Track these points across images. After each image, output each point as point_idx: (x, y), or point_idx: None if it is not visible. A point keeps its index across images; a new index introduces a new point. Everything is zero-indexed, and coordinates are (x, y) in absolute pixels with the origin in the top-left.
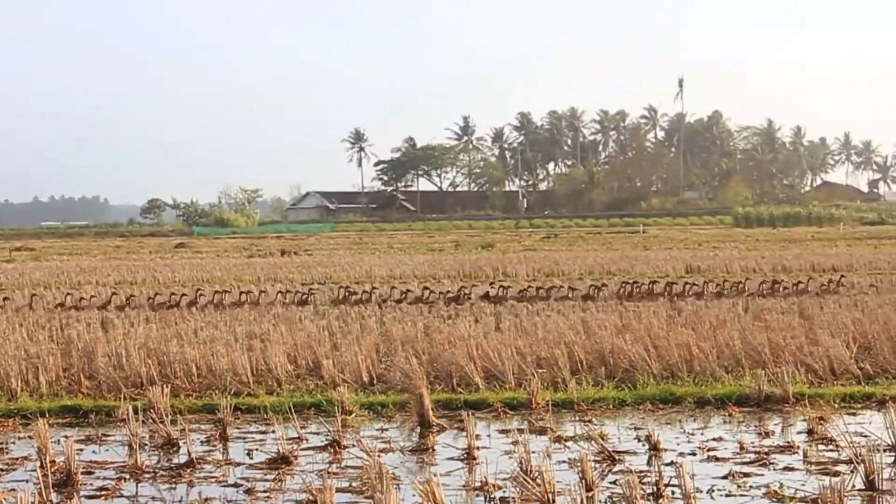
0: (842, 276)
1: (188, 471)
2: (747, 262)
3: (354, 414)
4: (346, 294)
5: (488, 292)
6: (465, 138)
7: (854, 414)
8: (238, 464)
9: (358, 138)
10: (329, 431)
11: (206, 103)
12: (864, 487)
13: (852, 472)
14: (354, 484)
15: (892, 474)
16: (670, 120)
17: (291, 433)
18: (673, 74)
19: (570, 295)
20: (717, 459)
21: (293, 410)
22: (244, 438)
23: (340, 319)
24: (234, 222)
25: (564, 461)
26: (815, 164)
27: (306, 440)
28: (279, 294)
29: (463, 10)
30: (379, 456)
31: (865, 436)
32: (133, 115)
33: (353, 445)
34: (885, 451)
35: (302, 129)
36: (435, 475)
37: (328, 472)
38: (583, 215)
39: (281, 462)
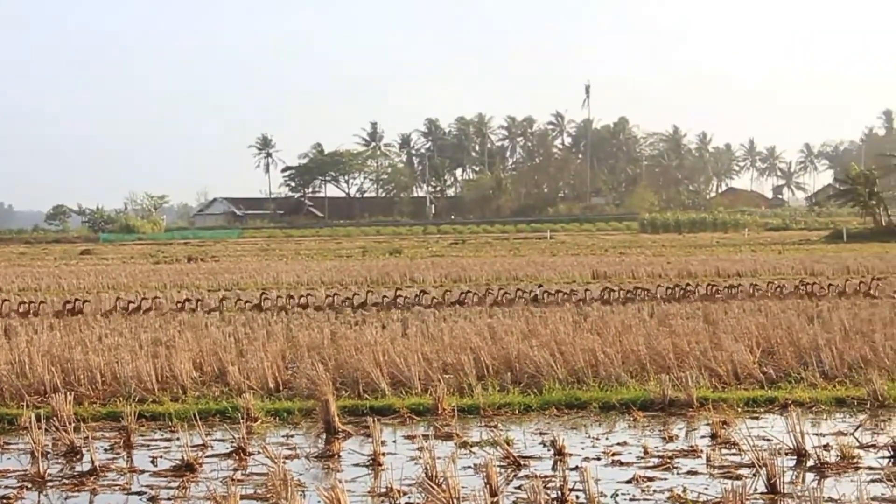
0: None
1: (91, 479)
2: (653, 267)
3: (260, 421)
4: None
5: (534, 294)
6: (373, 144)
7: (757, 418)
8: (142, 471)
9: (265, 144)
10: (234, 438)
11: (112, 109)
12: (765, 491)
13: (754, 475)
14: (259, 491)
15: (794, 478)
16: (577, 126)
17: (196, 440)
18: (580, 81)
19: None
20: (622, 464)
21: (198, 417)
22: (148, 446)
23: (247, 326)
24: (140, 229)
25: (470, 467)
26: (720, 170)
27: (211, 447)
28: (186, 301)
29: (370, 15)
30: (284, 463)
31: (768, 439)
32: (37, 120)
33: (259, 452)
34: (786, 454)
35: (209, 134)
36: (340, 481)
37: (233, 480)
38: (490, 221)
39: (185, 469)
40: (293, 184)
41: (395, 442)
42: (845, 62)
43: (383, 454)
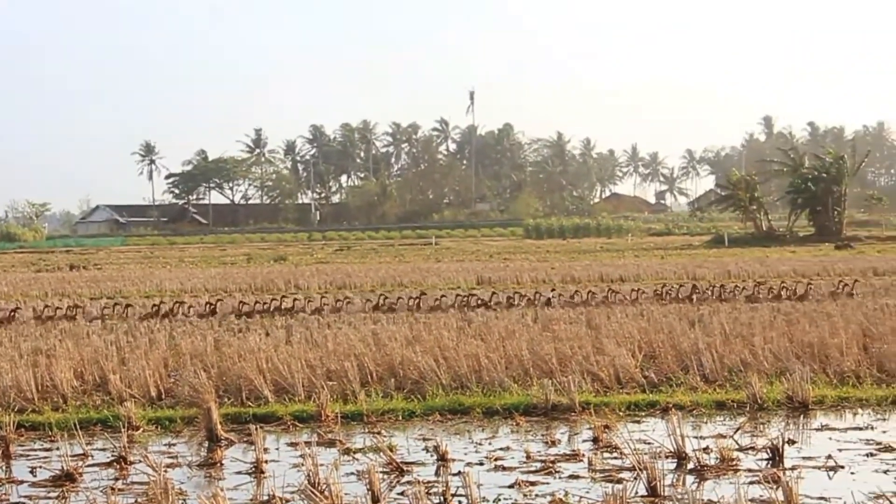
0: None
1: None
2: (537, 273)
3: (142, 429)
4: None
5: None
6: (258, 151)
7: (639, 422)
8: (21, 482)
9: (149, 151)
10: (115, 447)
11: None
12: (646, 494)
13: (635, 479)
14: (140, 500)
15: (674, 480)
16: (462, 132)
17: (77, 450)
18: (465, 87)
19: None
20: (505, 469)
21: (79, 427)
22: (28, 456)
23: (129, 334)
24: (21, 237)
25: (353, 473)
26: (603, 176)
27: (92, 456)
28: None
29: (254, 20)
30: (165, 471)
31: (649, 443)
32: None
33: (140, 461)
34: (667, 457)
35: (91, 141)
36: (222, 490)
37: (113, 489)
38: (376, 228)
39: (65, 479)
40: (177, 191)
41: (278, 449)
42: (726, 68)
43: (266, 462)
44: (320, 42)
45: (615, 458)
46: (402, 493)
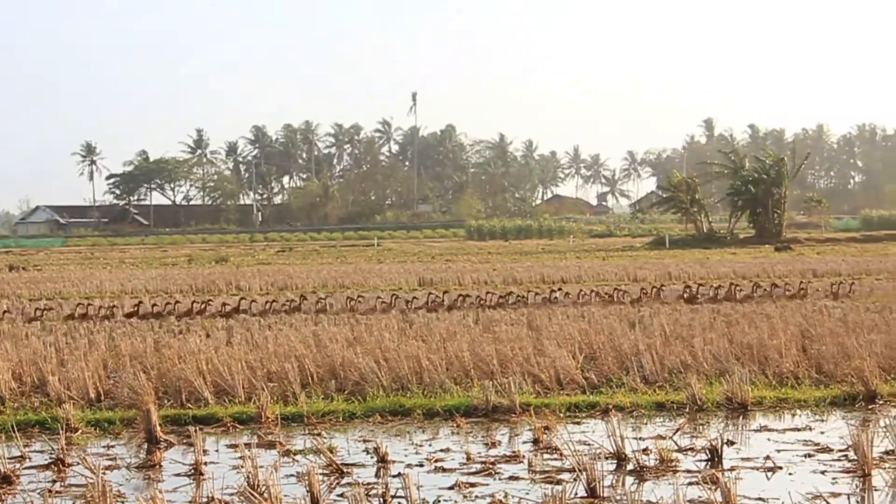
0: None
1: None
2: (479, 274)
3: (80, 431)
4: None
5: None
6: (199, 151)
7: (579, 423)
8: None
9: (89, 151)
10: (53, 450)
11: None
12: (585, 495)
13: (575, 480)
14: (78, 503)
15: (614, 481)
16: (404, 134)
17: (14, 452)
18: (407, 88)
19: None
20: (444, 470)
21: (16, 429)
22: None
23: (68, 335)
24: None
25: (293, 475)
26: (545, 178)
27: (30, 459)
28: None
29: (195, 18)
30: (104, 473)
31: (589, 444)
32: None
33: (78, 463)
34: (606, 458)
35: (31, 141)
36: (161, 492)
37: (51, 492)
38: (318, 229)
39: (2, 482)
40: (118, 192)
41: (217, 451)
42: (668, 71)
43: (205, 464)
44: (262, 42)
45: (555, 459)
46: (341, 495)
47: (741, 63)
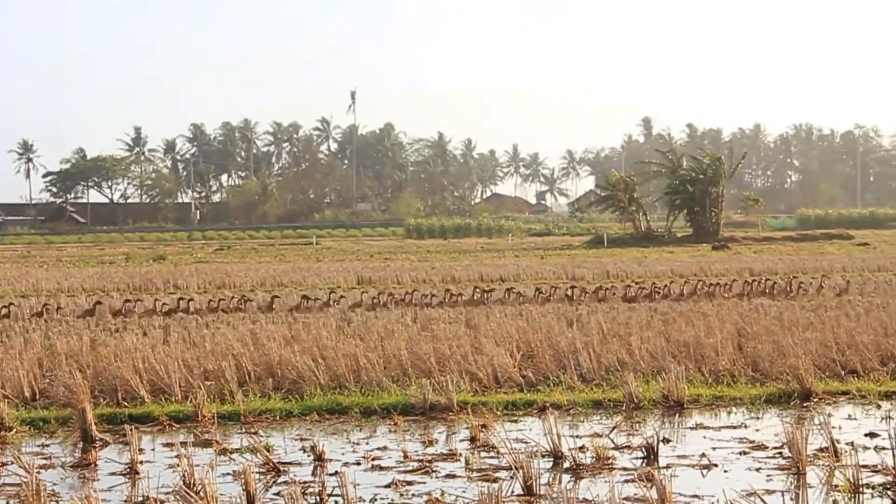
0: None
1: None
2: (418, 272)
3: (15, 430)
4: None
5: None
6: (137, 149)
7: (516, 421)
8: None
9: (26, 149)
10: None
11: None
12: (522, 493)
13: (511, 478)
14: (11, 502)
15: (550, 479)
16: (343, 132)
17: None
18: (346, 87)
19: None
20: (381, 468)
21: None
22: None
23: (3, 333)
24: None
25: (229, 474)
26: (484, 177)
27: None
28: None
29: (133, 16)
30: (38, 473)
31: (526, 442)
32: None
33: (12, 462)
34: (543, 457)
35: None
36: (95, 491)
37: None
38: (256, 227)
39: None
40: (55, 189)
41: (153, 450)
42: (606, 69)
43: (141, 462)
44: (200, 39)
45: (492, 457)
46: (277, 494)
47: (679, 62)
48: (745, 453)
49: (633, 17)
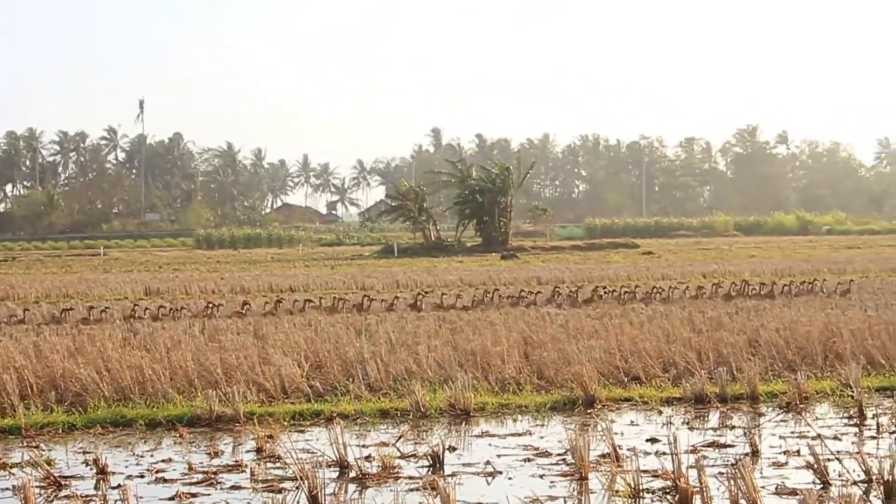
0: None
1: None
2: (207, 283)
3: None
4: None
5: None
6: None
7: (303, 431)
8: None
9: None
10: None
11: None
12: (307, 503)
13: (297, 488)
14: None
15: (336, 489)
16: (131, 141)
17: None
18: (134, 96)
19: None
20: (166, 481)
21: None
22: None
23: None
24: None
25: (8, 489)
26: (275, 186)
27: None
28: None
29: None
30: None
31: (312, 452)
32: None
33: None
34: (329, 466)
35: None
36: None
37: None
38: (42, 238)
39: None
40: None
41: None
42: (395, 79)
43: None
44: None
45: (278, 468)
46: None
47: (468, 72)
48: (529, 460)
49: (422, 25)
